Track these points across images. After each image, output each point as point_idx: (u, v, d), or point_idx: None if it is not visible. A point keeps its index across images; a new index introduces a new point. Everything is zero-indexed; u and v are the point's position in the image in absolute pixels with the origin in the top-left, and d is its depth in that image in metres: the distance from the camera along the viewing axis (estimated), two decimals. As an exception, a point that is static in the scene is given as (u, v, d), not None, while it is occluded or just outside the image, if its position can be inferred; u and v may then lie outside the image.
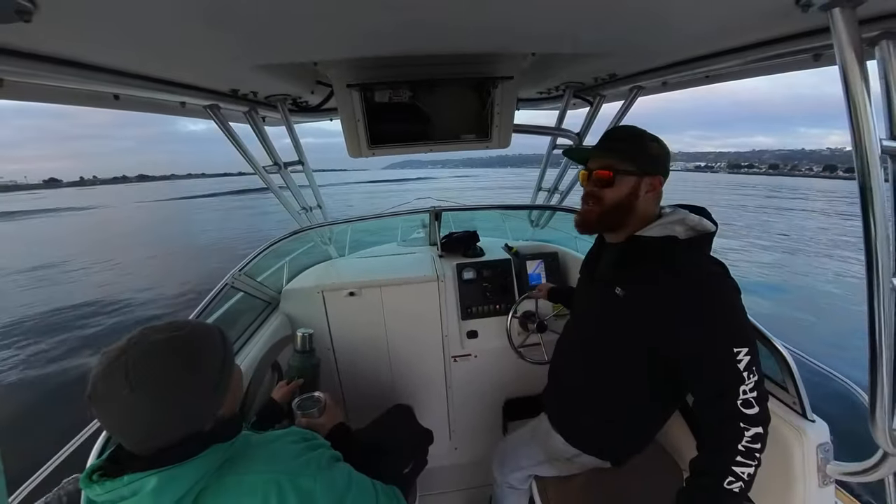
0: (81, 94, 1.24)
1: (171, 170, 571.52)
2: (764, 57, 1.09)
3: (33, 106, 51.11)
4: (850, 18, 0.71)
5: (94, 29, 0.83)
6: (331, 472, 0.92)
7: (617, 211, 1.12)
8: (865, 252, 0.78)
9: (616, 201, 1.11)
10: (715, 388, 0.97)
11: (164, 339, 0.78)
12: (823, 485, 1.10)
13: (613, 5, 0.86)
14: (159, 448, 0.78)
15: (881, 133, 0.77)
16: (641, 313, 1.09)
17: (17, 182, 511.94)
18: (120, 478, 0.76)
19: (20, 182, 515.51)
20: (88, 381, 0.73)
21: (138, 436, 0.78)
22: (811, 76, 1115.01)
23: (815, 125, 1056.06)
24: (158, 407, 0.75)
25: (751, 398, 0.93)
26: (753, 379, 0.94)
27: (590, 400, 1.29)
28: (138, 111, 1.56)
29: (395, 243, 3.06)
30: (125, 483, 0.75)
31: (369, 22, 0.91)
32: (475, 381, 2.26)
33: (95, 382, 0.73)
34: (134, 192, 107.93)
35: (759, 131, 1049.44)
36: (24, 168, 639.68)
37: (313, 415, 1.26)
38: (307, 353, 1.75)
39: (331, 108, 1.91)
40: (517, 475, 1.54)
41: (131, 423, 0.76)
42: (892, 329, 0.80)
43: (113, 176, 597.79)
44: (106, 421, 0.77)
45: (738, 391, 0.94)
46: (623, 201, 1.11)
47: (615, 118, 1.89)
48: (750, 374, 0.94)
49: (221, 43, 1.01)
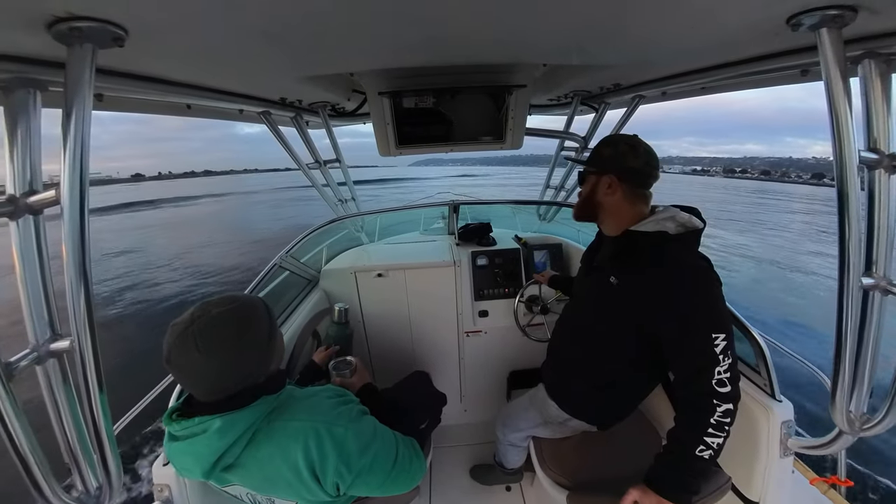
0: (162, 104, 1.29)
1: (231, 166, 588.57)
2: (756, 71, 1.05)
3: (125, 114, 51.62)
4: (836, 38, 0.69)
5: (173, 51, 0.87)
6: (360, 423, 0.94)
7: (585, 205, 1.21)
8: (839, 252, 0.77)
9: (584, 197, 1.21)
10: (693, 368, 0.98)
11: (221, 312, 0.81)
12: (784, 456, 1.10)
13: (618, 22, 0.85)
14: (222, 398, 0.82)
15: (860, 145, 0.75)
16: (632, 299, 1.09)
17: (112, 177, 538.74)
18: (192, 419, 0.82)
19: (114, 177, 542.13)
20: (164, 348, 0.78)
21: (205, 389, 0.82)
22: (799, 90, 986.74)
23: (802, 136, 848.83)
24: (220, 367, 0.79)
25: (724, 378, 0.94)
26: (728, 361, 0.94)
27: (582, 372, 1.30)
28: (205, 118, 1.61)
29: (418, 232, 3.05)
30: (196, 423, 0.81)
31: (399, 37, 0.91)
32: (484, 354, 2.27)
33: (170, 349, 0.77)
34: (216, 182, 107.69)
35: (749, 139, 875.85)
36: (117, 165, 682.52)
37: (346, 375, 1.29)
38: (342, 324, 1.80)
39: (364, 113, 1.91)
40: (517, 435, 1.55)
41: (199, 380, 0.80)
42: (857, 322, 0.79)
43: (183, 171, 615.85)
44: (180, 379, 0.81)
45: (713, 371, 0.94)
46: (588, 197, 1.19)
47: (618, 124, 1.83)
48: (725, 357, 0.94)
49: (273, 58, 1.03)
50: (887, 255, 0.79)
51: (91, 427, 0.73)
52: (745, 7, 0.73)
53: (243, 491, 0.94)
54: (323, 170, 2.16)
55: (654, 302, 1.03)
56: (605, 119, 1.98)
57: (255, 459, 0.85)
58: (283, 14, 0.69)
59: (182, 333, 0.77)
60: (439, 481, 1.97)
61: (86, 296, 0.66)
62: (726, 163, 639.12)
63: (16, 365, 0.65)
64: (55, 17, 0.58)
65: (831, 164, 0.74)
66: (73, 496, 0.75)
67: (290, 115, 1.81)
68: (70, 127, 0.62)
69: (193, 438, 0.82)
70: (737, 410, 0.95)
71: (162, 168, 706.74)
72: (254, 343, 0.85)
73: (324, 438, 0.86)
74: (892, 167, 0.75)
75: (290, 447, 0.85)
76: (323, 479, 0.87)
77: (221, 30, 0.77)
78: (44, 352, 0.70)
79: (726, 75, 1.15)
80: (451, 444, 2.19)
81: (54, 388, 0.72)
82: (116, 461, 0.78)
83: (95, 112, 0.78)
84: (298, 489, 0.88)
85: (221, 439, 0.80)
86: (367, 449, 0.92)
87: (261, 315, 0.88)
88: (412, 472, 1.03)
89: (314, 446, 0.85)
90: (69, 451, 0.75)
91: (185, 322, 0.79)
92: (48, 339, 0.70)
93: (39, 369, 0.70)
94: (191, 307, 0.82)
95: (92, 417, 0.72)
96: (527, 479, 1.90)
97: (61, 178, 0.63)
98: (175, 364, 0.78)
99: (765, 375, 1.14)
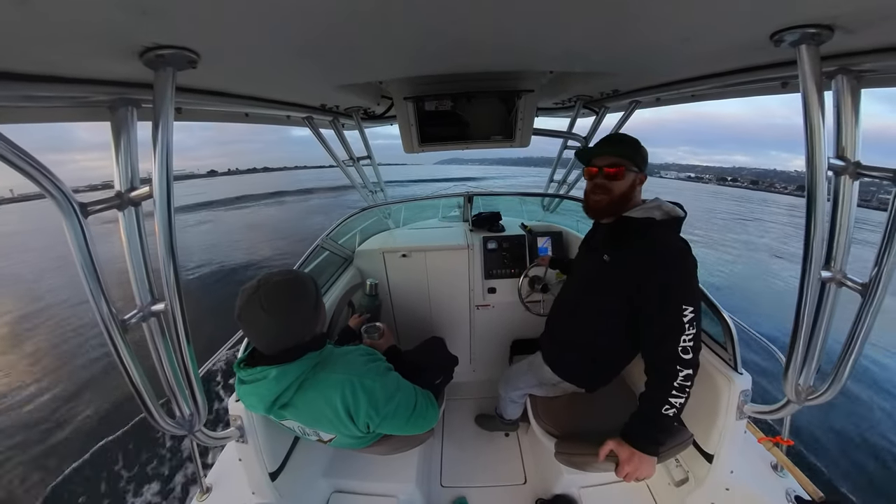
0: (225, 113, 1.32)
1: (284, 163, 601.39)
2: (741, 82, 1.01)
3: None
4: (813, 54, 0.66)
5: (234, 70, 0.90)
6: (386, 377, 0.99)
7: (622, 199, 1.12)
8: (804, 247, 0.76)
9: (622, 192, 1.11)
10: (662, 333, 0.98)
11: (280, 281, 0.87)
12: (739, 418, 1.12)
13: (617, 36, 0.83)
14: (278, 351, 0.88)
15: (829, 152, 0.73)
16: (621, 273, 1.09)
17: (193, 173, 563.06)
18: (255, 367, 0.89)
19: (195, 173, 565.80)
20: (236, 306, 0.85)
21: (266, 342, 0.88)
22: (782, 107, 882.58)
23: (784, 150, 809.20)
24: (277, 323, 0.85)
25: (688, 346, 0.94)
26: (692, 332, 0.94)
27: (574, 342, 1.32)
28: (260, 123, 1.63)
29: (437, 219, 3.04)
30: (258, 371, 0.88)
31: (421, 49, 0.90)
32: (491, 324, 2.29)
33: (241, 308, 0.84)
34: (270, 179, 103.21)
35: (738, 151, 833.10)
36: (198, 164, 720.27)
37: (375, 338, 1.33)
38: (373, 296, 1.87)
39: (391, 116, 1.90)
40: (516, 393, 1.59)
41: (262, 334, 0.87)
42: (814, 309, 0.79)
43: (248, 168, 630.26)
44: (247, 332, 0.88)
45: (679, 339, 0.94)
46: (626, 192, 1.11)
47: (616, 126, 1.77)
48: (690, 328, 0.94)
49: (313, 72, 1.04)
50: (845, 252, 0.78)
51: (182, 370, 0.81)
52: (734, 24, 0.70)
53: (295, 425, 1.02)
54: (356, 165, 2.17)
55: (638, 274, 1.03)
56: (605, 122, 1.91)
57: (303, 401, 0.92)
58: (321, 35, 0.70)
59: (250, 296, 0.84)
60: (450, 427, 2.05)
61: (174, 269, 0.72)
62: (717, 172, 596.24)
63: (129, 321, 0.73)
64: (145, 47, 0.61)
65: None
66: (173, 421, 0.85)
67: (329, 119, 1.83)
68: (158, 136, 0.66)
69: (256, 383, 0.89)
70: (696, 376, 0.95)
71: (231, 165, 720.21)
72: (304, 308, 0.90)
73: (357, 388, 0.92)
74: (856, 174, 0.73)
75: (330, 394, 0.91)
76: (356, 419, 0.94)
77: (271, 51, 0.79)
78: (147, 312, 0.76)
79: (714, 85, 1.10)
80: (461, 397, 2.25)
81: (156, 340, 0.79)
82: (202, 395, 0.86)
83: (177, 122, 0.83)
84: (337, 426, 0.96)
85: (277, 384, 0.87)
86: (391, 398, 0.97)
87: (309, 287, 0.93)
88: (428, 418, 1.08)
89: (349, 394, 0.91)
90: (168, 388, 0.83)
91: (252, 287, 0.85)
92: (149, 303, 0.77)
93: (144, 325, 0.77)
94: (257, 276, 0.88)
95: (182, 363, 0.80)
96: (522, 429, 1.96)
97: (153, 177, 0.68)
98: (244, 319, 0.85)
99: (730, 351, 1.14)
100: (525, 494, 1.65)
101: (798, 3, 0.57)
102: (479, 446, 1.92)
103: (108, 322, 0.69)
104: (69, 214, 0.63)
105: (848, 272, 0.77)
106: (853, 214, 0.75)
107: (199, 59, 0.68)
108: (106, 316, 0.69)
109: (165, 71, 0.65)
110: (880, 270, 0.72)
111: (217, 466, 1.41)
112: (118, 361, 0.73)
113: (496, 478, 1.74)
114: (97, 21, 0.51)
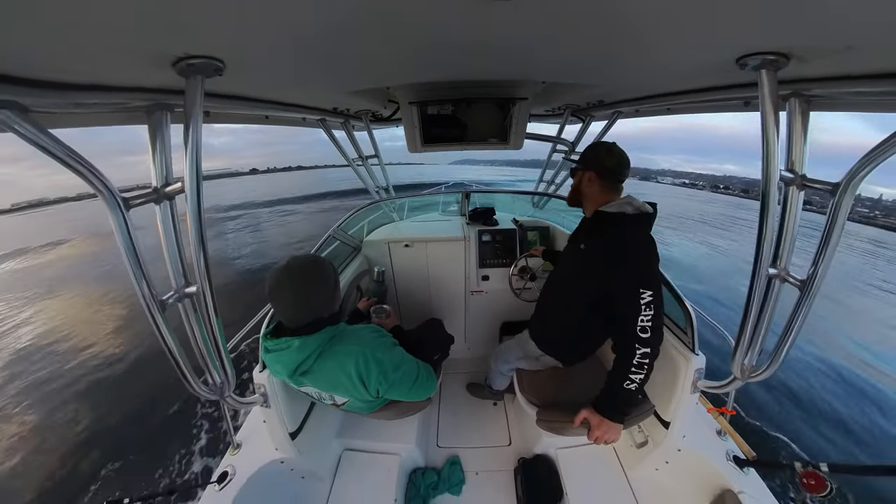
0: (248, 116, 1.31)
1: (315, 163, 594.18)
2: (710, 99, 1.02)
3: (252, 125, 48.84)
4: (772, 78, 0.69)
5: (256, 77, 0.90)
6: (392, 351, 1.03)
7: (574, 193, 1.24)
8: (756, 247, 0.79)
9: (573, 187, 1.25)
10: (623, 314, 1.00)
11: (305, 262, 0.89)
12: (693, 392, 1.17)
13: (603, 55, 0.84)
14: (300, 325, 0.91)
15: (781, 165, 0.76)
16: (593, 259, 1.12)
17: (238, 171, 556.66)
18: (280, 338, 0.92)
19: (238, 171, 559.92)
20: (266, 284, 0.87)
21: (290, 316, 0.90)
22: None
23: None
24: (304, 300, 0.88)
25: (646, 326, 0.96)
26: (650, 314, 0.96)
27: (555, 319, 1.35)
28: (279, 125, 1.61)
29: (437, 213, 3.03)
30: (283, 342, 0.91)
31: (425, 59, 0.90)
32: (484, 308, 2.32)
33: (271, 285, 0.86)
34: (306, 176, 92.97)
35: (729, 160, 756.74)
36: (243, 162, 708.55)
37: (382, 318, 1.36)
38: (379, 282, 1.89)
39: (397, 118, 1.87)
40: (505, 366, 1.62)
41: (287, 308, 0.89)
42: (760, 301, 0.83)
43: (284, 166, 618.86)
44: (275, 306, 0.90)
45: (637, 319, 0.96)
46: (576, 187, 1.23)
47: (600, 133, 1.78)
48: (648, 310, 0.95)
49: (327, 78, 1.04)
50: (790, 252, 0.81)
51: (213, 343, 0.84)
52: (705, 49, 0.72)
53: (313, 390, 1.06)
54: (365, 163, 2.16)
55: (607, 261, 1.06)
56: (590, 129, 1.91)
57: (321, 369, 0.95)
58: (334, 46, 0.71)
59: (280, 275, 0.86)
60: (446, 396, 2.10)
61: (204, 256, 0.74)
62: (710, 179, 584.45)
63: (167, 302, 0.76)
64: (178, 57, 0.62)
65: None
66: (206, 387, 0.89)
67: (341, 121, 1.81)
68: (189, 137, 0.68)
69: (281, 352, 0.92)
70: (656, 355, 0.98)
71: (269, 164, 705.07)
72: (324, 288, 0.92)
73: (369, 359, 0.95)
74: (802, 185, 0.76)
75: (346, 363, 0.94)
76: (368, 385, 0.97)
77: (289, 60, 0.79)
78: (182, 293, 0.79)
79: (687, 100, 1.11)
80: (456, 371, 2.29)
81: (190, 318, 0.82)
82: (230, 366, 0.90)
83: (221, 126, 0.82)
84: (351, 391, 0.99)
85: (299, 354, 0.90)
86: (397, 368, 1.00)
87: (329, 270, 0.95)
88: (427, 387, 1.12)
89: (362, 363, 0.94)
90: (202, 358, 0.86)
91: (282, 268, 0.88)
92: (183, 286, 0.79)
93: (180, 305, 0.80)
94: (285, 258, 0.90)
95: (213, 337, 0.83)
96: (508, 399, 2.01)
97: (184, 174, 0.69)
98: (273, 295, 0.87)
99: (689, 335, 1.18)
100: (509, 454, 1.71)
101: (760, 32, 0.59)
102: (471, 413, 1.96)
103: (150, 301, 0.72)
104: (114, 208, 0.65)
105: (791, 270, 0.81)
106: (798, 220, 0.79)
107: (224, 67, 0.69)
108: (147, 296, 0.71)
109: (195, 78, 0.66)
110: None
111: (245, 427, 1.46)
112: (159, 336, 0.76)
113: (485, 440, 1.80)
114: (140, 34, 0.52)
